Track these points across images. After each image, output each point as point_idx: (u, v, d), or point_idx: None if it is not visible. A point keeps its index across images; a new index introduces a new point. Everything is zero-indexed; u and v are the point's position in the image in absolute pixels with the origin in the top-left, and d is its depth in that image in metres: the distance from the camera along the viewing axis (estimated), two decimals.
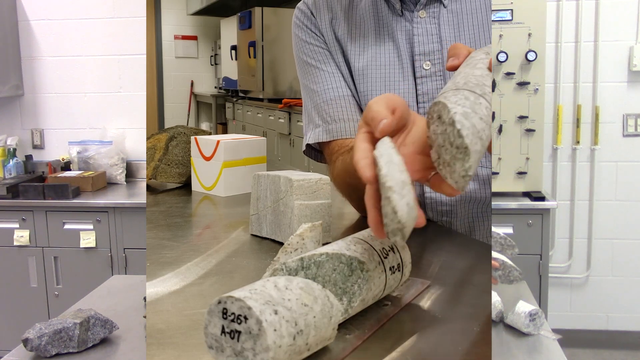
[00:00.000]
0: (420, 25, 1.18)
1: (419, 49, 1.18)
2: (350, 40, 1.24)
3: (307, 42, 1.28)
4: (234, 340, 0.58)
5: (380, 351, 0.67)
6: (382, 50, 1.21)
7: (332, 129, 1.24)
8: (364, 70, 1.22)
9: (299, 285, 0.63)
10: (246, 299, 0.57)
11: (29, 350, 1.10)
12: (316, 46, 1.27)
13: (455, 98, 0.65)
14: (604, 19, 2.86)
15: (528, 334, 1.19)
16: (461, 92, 0.66)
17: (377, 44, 1.21)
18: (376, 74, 1.21)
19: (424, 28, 1.18)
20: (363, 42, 1.23)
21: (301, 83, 1.32)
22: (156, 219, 1.24)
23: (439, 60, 1.17)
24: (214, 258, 0.97)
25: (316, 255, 0.71)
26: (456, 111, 0.63)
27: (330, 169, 1.28)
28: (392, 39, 1.20)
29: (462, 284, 0.89)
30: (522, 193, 2.66)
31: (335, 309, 0.64)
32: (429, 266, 0.95)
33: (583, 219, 3.00)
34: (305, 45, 1.28)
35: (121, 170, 3.15)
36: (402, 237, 0.60)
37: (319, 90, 1.26)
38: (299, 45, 1.29)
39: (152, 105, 6.27)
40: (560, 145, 2.95)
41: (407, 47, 1.19)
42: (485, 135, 0.64)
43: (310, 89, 1.28)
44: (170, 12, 6.74)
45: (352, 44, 1.24)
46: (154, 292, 0.83)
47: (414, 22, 1.18)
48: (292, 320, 0.58)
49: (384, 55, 1.21)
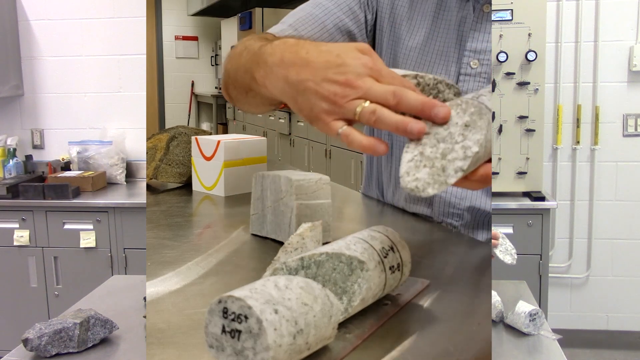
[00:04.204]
0: (481, 20, 1.11)
1: (472, 45, 1.11)
2: (408, 18, 1.16)
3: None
4: (235, 340, 0.58)
5: (380, 350, 0.67)
6: (434, 37, 1.14)
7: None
8: (409, 52, 1.15)
9: (299, 285, 0.63)
10: (246, 298, 0.57)
11: (29, 350, 1.10)
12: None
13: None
14: (604, 19, 2.86)
15: (528, 334, 1.19)
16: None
17: (432, 28, 1.14)
18: (421, 59, 1.15)
19: (483, 24, 1.11)
20: (419, 22, 1.15)
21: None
22: (157, 219, 1.24)
23: (487, 62, 1.11)
24: (214, 257, 0.97)
25: (316, 255, 0.71)
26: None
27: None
28: (447, 27, 1.13)
29: (462, 284, 0.89)
30: (522, 193, 2.66)
31: (335, 308, 0.64)
32: (429, 266, 0.95)
33: (583, 219, 3.00)
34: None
35: (121, 170, 3.15)
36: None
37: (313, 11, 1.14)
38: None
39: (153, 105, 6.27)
40: (560, 145, 2.95)
41: (459, 39, 1.12)
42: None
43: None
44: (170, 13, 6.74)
45: (408, 22, 1.16)
46: (155, 292, 0.83)
47: (475, 14, 1.11)
48: (292, 319, 0.58)
49: (433, 42, 1.14)
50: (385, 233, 0.79)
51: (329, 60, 0.73)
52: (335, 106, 0.71)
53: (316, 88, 0.72)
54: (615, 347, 3.01)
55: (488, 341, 0.70)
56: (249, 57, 0.85)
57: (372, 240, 0.75)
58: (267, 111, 0.96)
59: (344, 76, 0.71)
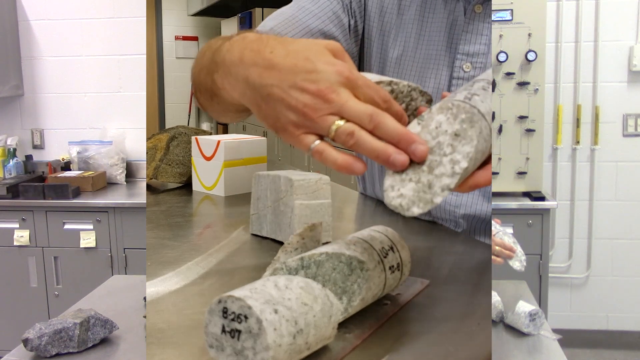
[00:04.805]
0: (473, 21, 1.07)
1: (464, 48, 1.07)
2: (396, 26, 1.12)
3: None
4: (234, 339, 0.58)
5: (380, 350, 0.67)
6: (423, 41, 1.10)
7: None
8: (398, 59, 1.11)
9: (299, 285, 0.63)
10: (246, 298, 0.57)
11: (29, 350, 1.10)
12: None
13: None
14: (604, 19, 2.86)
15: (528, 334, 1.19)
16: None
17: (420, 33, 1.10)
18: (411, 65, 1.10)
19: (475, 25, 1.07)
20: (407, 28, 1.11)
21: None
22: (157, 219, 1.24)
23: (481, 65, 1.07)
24: (214, 257, 0.97)
25: (316, 255, 0.71)
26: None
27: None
28: (437, 31, 1.09)
29: (461, 284, 0.89)
30: (522, 193, 2.66)
31: (335, 308, 0.64)
32: (429, 266, 0.95)
33: (583, 219, 3.00)
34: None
35: (121, 170, 3.15)
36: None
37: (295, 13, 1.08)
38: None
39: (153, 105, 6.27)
40: (560, 145, 2.95)
41: (450, 42, 1.08)
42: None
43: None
44: (170, 13, 6.74)
45: (396, 29, 1.12)
46: (155, 292, 0.84)
47: (467, 16, 1.07)
48: (292, 319, 0.58)
49: (422, 47, 1.09)
50: (385, 233, 0.79)
51: (297, 63, 0.64)
52: (304, 119, 0.63)
53: (282, 96, 0.63)
54: (615, 347, 3.01)
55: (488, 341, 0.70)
56: (209, 57, 0.76)
57: (372, 240, 0.75)
58: (236, 119, 0.85)
59: (315, 85, 0.63)
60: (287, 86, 0.63)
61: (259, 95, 0.66)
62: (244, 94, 0.68)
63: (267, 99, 0.65)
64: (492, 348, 0.68)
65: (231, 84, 0.70)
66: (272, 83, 0.64)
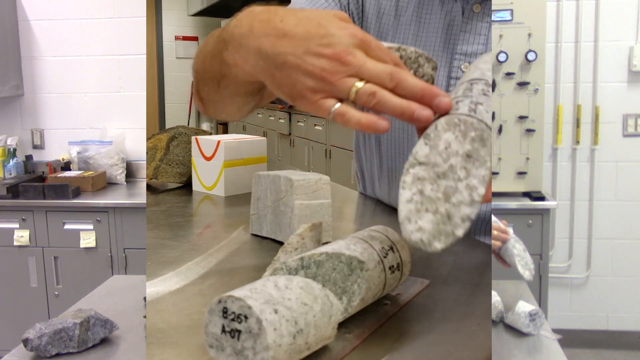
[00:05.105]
0: (471, 21, 1.05)
1: (462, 48, 1.06)
2: (394, 28, 1.11)
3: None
4: (234, 340, 0.58)
5: (380, 350, 0.67)
6: (419, 41, 1.08)
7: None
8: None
9: (299, 285, 0.63)
10: (246, 298, 0.57)
11: (29, 350, 1.10)
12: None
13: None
14: (604, 19, 2.86)
15: (528, 334, 1.20)
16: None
17: (417, 34, 1.09)
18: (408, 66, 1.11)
19: (474, 25, 1.05)
20: (404, 29, 1.10)
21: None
22: (157, 219, 1.24)
23: None
24: (214, 257, 0.97)
25: (316, 255, 0.71)
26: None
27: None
28: (434, 30, 1.08)
29: (461, 284, 0.89)
30: (522, 193, 2.66)
31: (335, 308, 0.64)
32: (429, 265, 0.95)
33: (583, 219, 3.00)
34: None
35: (121, 170, 3.15)
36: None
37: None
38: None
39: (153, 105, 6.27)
40: (560, 145, 2.95)
41: (448, 42, 1.07)
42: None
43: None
44: (170, 13, 6.74)
45: (394, 31, 1.11)
46: (155, 292, 0.83)
47: (465, 15, 1.05)
48: (292, 319, 0.58)
49: (419, 47, 1.06)
50: (385, 233, 0.79)
51: (310, 30, 0.63)
52: (323, 83, 0.62)
53: (298, 62, 0.62)
54: (615, 347, 3.01)
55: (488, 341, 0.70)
56: (214, 41, 0.74)
57: (371, 240, 0.75)
58: (242, 108, 0.81)
59: (330, 49, 0.62)
60: (301, 52, 0.63)
61: (273, 64, 0.64)
62: (256, 65, 0.66)
63: (282, 67, 0.64)
64: (492, 348, 0.68)
65: (243, 57, 0.68)
66: (286, 51, 0.63)
